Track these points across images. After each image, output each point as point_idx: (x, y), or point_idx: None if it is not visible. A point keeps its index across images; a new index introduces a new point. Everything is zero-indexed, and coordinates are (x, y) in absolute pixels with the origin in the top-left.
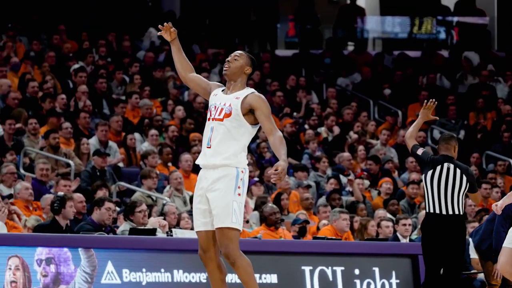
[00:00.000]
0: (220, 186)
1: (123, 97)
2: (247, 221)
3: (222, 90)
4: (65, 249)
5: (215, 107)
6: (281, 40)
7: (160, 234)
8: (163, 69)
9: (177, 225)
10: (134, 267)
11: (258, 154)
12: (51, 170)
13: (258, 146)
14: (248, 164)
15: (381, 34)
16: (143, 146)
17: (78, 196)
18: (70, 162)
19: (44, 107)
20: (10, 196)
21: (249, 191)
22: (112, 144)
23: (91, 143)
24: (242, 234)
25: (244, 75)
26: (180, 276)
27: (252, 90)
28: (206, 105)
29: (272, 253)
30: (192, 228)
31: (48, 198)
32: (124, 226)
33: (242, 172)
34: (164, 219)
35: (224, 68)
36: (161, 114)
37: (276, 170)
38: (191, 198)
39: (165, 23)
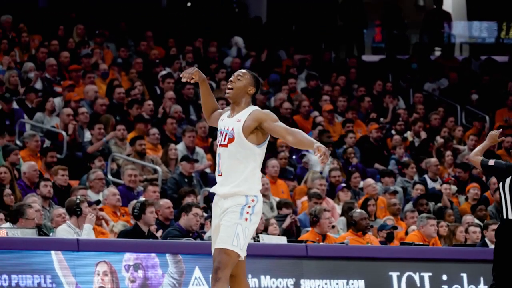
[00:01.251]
0: (228, 213)
1: None
2: (333, 226)
3: (228, 114)
4: (153, 255)
5: (221, 132)
6: (368, 45)
7: None
8: None
9: (264, 230)
10: None
11: (345, 160)
12: (139, 176)
13: (345, 151)
14: (334, 170)
15: (468, 39)
16: None
17: (166, 202)
18: (158, 168)
19: (131, 113)
20: (98, 202)
21: (336, 196)
22: (199, 150)
23: (178, 149)
24: (329, 240)
25: (248, 95)
26: (267, 281)
27: (255, 107)
28: (293, 111)
29: (359, 259)
30: (280, 234)
31: None
32: (210, 232)
33: (253, 200)
34: None
35: (227, 90)
36: None
37: (319, 152)
38: (278, 203)
39: (182, 74)
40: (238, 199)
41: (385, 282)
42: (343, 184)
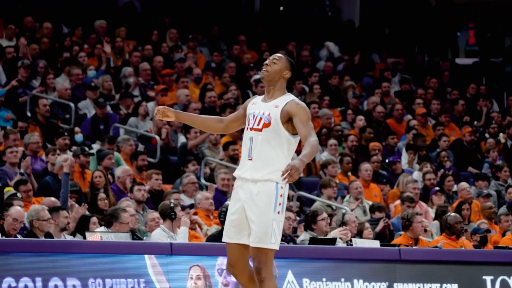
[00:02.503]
0: (259, 203)
1: None
2: (426, 230)
3: (262, 98)
4: None
5: (254, 116)
6: (462, 48)
7: (340, 243)
8: (342, 79)
9: (358, 234)
10: (315, 276)
11: (438, 163)
12: (231, 180)
13: (438, 155)
14: (429, 173)
15: None
16: (323, 155)
17: None
18: None
19: None
20: (191, 206)
21: (430, 200)
22: None
23: None
24: (421, 243)
25: (283, 79)
26: (360, 285)
27: (292, 97)
28: (386, 115)
29: (453, 263)
30: (374, 238)
31: None
32: (304, 236)
33: (282, 188)
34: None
35: (262, 72)
36: (340, 123)
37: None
38: (371, 207)
39: (155, 112)
40: (269, 186)
41: (479, 286)
42: (437, 188)
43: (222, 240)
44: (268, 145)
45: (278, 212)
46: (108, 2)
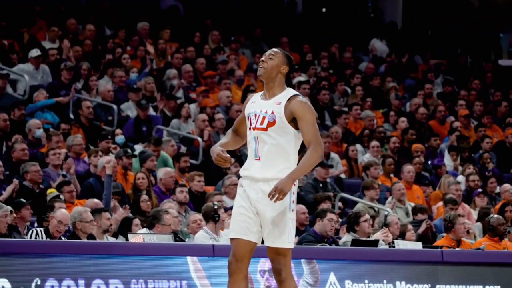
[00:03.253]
0: (275, 203)
1: (345, 109)
2: (468, 232)
3: (261, 96)
4: None
5: (256, 115)
6: (504, 49)
7: (382, 245)
8: (384, 80)
9: (400, 236)
10: (357, 278)
11: (481, 165)
12: None
13: (481, 156)
14: (472, 174)
15: None
16: (365, 157)
17: (300, 207)
18: None
19: None
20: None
21: (472, 202)
22: (334, 155)
23: None
24: (464, 245)
25: (281, 74)
26: (402, 287)
27: (294, 92)
28: (429, 116)
29: (495, 264)
30: (416, 240)
31: None
32: (346, 237)
33: (294, 184)
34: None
35: (259, 69)
36: (382, 125)
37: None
38: (413, 209)
39: (221, 158)
40: None
41: None
42: (480, 190)
43: (230, 236)
44: (276, 143)
45: (292, 210)
46: (151, 4)
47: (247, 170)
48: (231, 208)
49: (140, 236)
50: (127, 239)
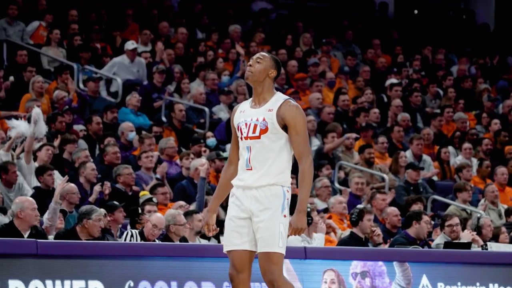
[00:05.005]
0: (268, 205)
1: (437, 111)
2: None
3: (250, 104)
4: (380, 263)
5: (247, 124)
6: None
7: (475, 248)
8: (475, 82)
9: (494, 238)
10: (449, 281)
11: None
12: (366, 184)
13: None
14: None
15: None
16: (457, 159)
17: (393, 210)
18: (385, 176)
19: (358, 121)
20: (325, 210)
21: None
22: (426, 157)
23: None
24: None
25: (269, 78)
26: None
27: (284, 96)
28: None
29: None
30: (510, 242)
31: None
32: (439, 240)
33: (288, 191)
34: (480, 232)
35: (246, 73)
36: (475, 127)
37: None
38: (506, 211)
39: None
40: (275, 190)
41: None
42: None
43: (225, 250)
44: (269, 150)
45: (285, 216)
46: (243, 7)
47: (240, 180)
48: (322, 210)
49: None
50: (219, 241)
